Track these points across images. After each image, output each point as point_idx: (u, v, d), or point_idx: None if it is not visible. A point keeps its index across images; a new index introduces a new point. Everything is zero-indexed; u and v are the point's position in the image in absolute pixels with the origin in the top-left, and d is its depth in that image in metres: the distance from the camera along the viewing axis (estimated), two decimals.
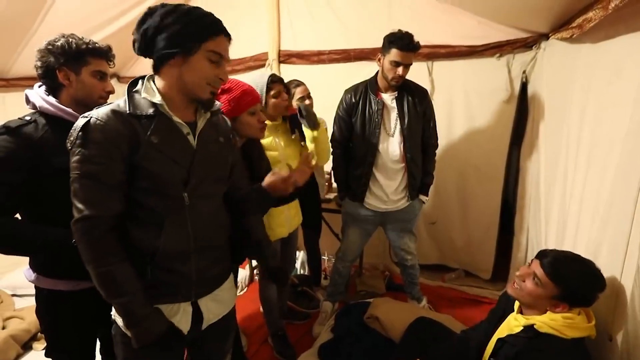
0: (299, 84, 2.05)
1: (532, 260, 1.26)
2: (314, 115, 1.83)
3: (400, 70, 1.74)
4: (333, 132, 2.02)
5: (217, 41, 0.92)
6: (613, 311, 1.17)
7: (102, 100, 1.20)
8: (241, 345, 1.88)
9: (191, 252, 0.99)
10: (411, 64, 1.76)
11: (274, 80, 1.64)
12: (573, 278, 1.14)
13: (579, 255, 1.21)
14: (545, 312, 1.19)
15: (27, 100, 1.15)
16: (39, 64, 1.12)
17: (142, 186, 0.91)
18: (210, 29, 0.91)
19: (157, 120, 0.91)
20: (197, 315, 1.04)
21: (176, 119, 0.94)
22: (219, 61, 0.93)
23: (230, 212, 1.13)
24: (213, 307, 1.08)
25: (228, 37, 0.95)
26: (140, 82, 0.96)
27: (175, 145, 0.94)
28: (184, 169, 0.94)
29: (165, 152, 0.91)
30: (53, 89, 1.15)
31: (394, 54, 1.71)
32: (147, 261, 0.93)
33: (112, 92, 1.23)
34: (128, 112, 0.89)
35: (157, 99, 0.92)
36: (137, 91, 0.94)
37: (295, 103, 2.02)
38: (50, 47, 1.11)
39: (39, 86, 1.17)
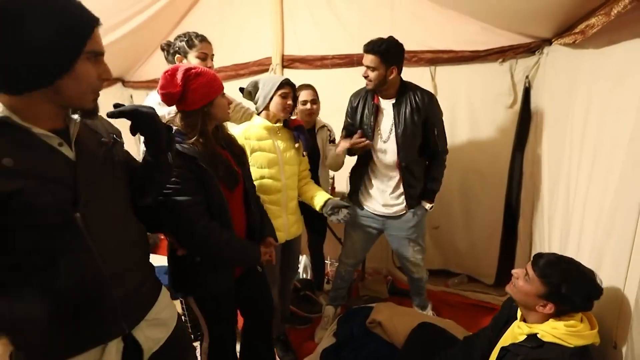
0: (307, 87, 2.07)
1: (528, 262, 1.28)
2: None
3: (363, 71, 1.75)
4: (342, 131, 2.03)
5: (95, 36, 0.75)
6: (617, 319, 1.16)
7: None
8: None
9: (106, 281, 0.83)
10: (375, 69, 1.71)
11: (288, 83, 1.67)
12: (558, 276, 1.16)
13: (574, 260, 1.22)
14: (537, 314, 1.20)
15: None
16: None
17: (19, 225, 0.71)
18: (90, 24, 0.75)
19: (1, 139, 0.70)
20: (133, 349, 0.89)
21: (38, 130, 0.74)
22: (97, 58, 0.77)
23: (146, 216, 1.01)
24: (152, 333, 0.94)
25: (99, 23, 0.77)
26: None
27: (43, 163, 0.75)
28: (67, 187, 0.77)
29: (32, 174, 0.72)
30: None
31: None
32: (49, 318, 0.72)
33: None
34: None
35: None
36: None
37: (298, 106, 2.04)
38: None
39: None
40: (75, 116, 0.82)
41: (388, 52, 1.69)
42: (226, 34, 2.74)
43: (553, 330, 1.15)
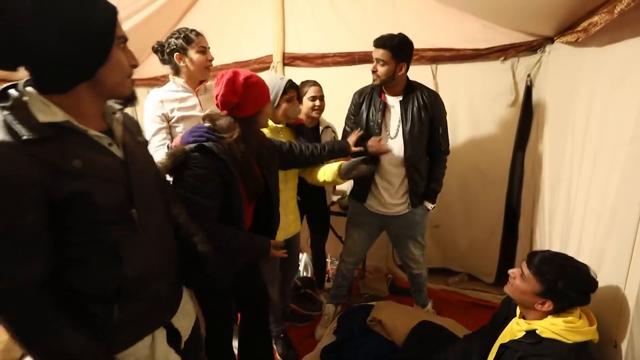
0: (314, 83, 2.06)
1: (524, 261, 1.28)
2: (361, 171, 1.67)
3: (372, 65, 1.75)
4: (344, 129, 2.03)
5: (118, 23, 0.76)
6: (617, 318, 1.16)
7: None
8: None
9: (159, 272, 0.89)
10: (385, 63, 1.71)
11: (292, 86, 1.67)
12: (553, 273, 1.17)
13: (568, 256, 1.23)
14: (536, 311, 1.20)
15: None
16: None
17: (80, 222, 0.75)
18: (114, 13, 0.75)
19: (68, 141, 0.72)
20: (173, 336, 0.95)
21: (92, 132, 0.77)
22: (124, 44, 0.79)
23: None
24: (184, 322, 1.01)
25: (117, 8, 0.76)
26: (11, 91, 0.72)
27: (102, 163, 0.78)
28: (122, 186, 0.81)
29: (96, 174, 0.76)
30: None
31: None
32: (111, 301, 0.80)
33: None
34: (24, 138, 0.66)
35: (61, 116, 0.71)
36: (12, 107, 0.69)
37: (305, 101, 2.03)
38: None
39: None
40: (117, 115, 0.85)
41: (399, 47, 1.70)
42: (227, 32, 2.73)
43: (552, 327, 1.15)
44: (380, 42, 1.71)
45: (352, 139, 1.77)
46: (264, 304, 1.58)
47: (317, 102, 2.03)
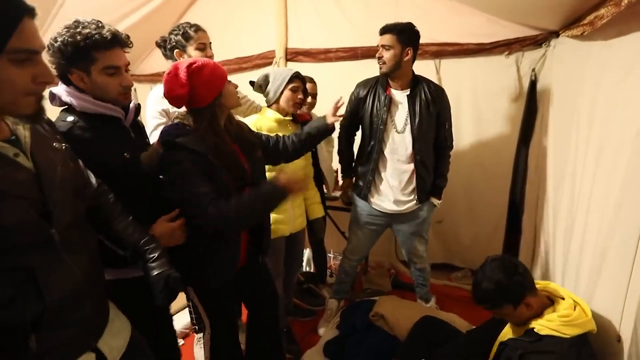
0: (310, 80, 2.06)
1: None
2: None
3: (377, 53, 1.75)
4: (342, 120, 2.01)
5: (22, 31, 0.62)
6: (622, 313, 1.16)
7: (121, 98, 1.09)
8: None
9: (86, 291, 0.79)
10: (390, 47, 1.70)
11: (298, 77, 1.68)
12: (487, 302, 1.26)
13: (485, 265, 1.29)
14: (524, 314, 1.22)
15: (53, 98, 1.06)
16: (53, 67, 1.01)
17: None
18: (13, 18, 0.61)
19: None
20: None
21: None
22: (29, 57, 0.65)
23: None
24: (114, 342, 0.89)
25: (32, 14, 0.64)
26: None
27: (4, 177, 0.66)
28: (36, 202, 0.70)
29: (0, 191, 0.65)
30: (78, 88, 1.05)
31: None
32: (27, 332, 0.69)
33: (130, 85, 1.10)
34: None
35: None
36: None
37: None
38: (52, 49, 0.99)
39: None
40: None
41: (404, 31, 1.70)
42: (229, 27, 2.72)
43: (548, 323, 1.16)
44: (385, 29, 1.72)
45: (330, 115, 1.60)
46: (269, 299, 1.56)
47: (309, 100, 2.06)
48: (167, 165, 1.15)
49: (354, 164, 2.06)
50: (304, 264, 2.78)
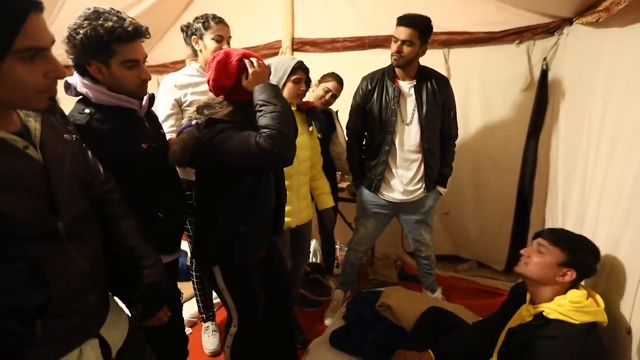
0: (335, 78, 2.06)
1: (532, 242, 1.31)
2: None
3: (396, 46, 1.70)
4: (348, 120, 2.01)
5: (29, 28, 0.61)
6: (633, 305, 1.15)
7: (139, 90, 1.10)
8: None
9: (88, 284, 0.80)
10: (412, 44, 1.68)
11: (301, 67, 1.63)
12: (573, 242, 1.23)
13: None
14: (553, 286, 1.21)
15: (68, 88, 1.07)
16: (70, 57, 1.02)
17: None
18: (18, 15, 0.60)
19: None
20: (102, 348, 0.87)
21: (2, 134, 0.67)
22: (38, 53, 0.64)
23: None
24: (114, 332, 0.91)
25: (39, 8, 0.63)
26: None
27: (12, 170, 0.67)
28: (43, 195, 0.71)
29: (9, 184, 0.66)
30: (93, 79, 1.06)
31: (394, 31, 1.71)
32: (33, 316, 0.70)
33: (148, 78, 1.11)
34: None
35: None
36: None
37: (322, 89, 2.05)
38: (72, 40, 0.99)
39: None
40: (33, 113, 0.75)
41: (427, 29, 1.68)
42: (236, 17, 2.66)
43: (559, 307, 1.15)
44: (407, 21, 1.66)
45: None
46: (282, 292, 1.55)
47: (328, 97, 2.05)
48: (210, 137, 1.13)
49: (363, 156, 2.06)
50: (310, 254, 2.79)
